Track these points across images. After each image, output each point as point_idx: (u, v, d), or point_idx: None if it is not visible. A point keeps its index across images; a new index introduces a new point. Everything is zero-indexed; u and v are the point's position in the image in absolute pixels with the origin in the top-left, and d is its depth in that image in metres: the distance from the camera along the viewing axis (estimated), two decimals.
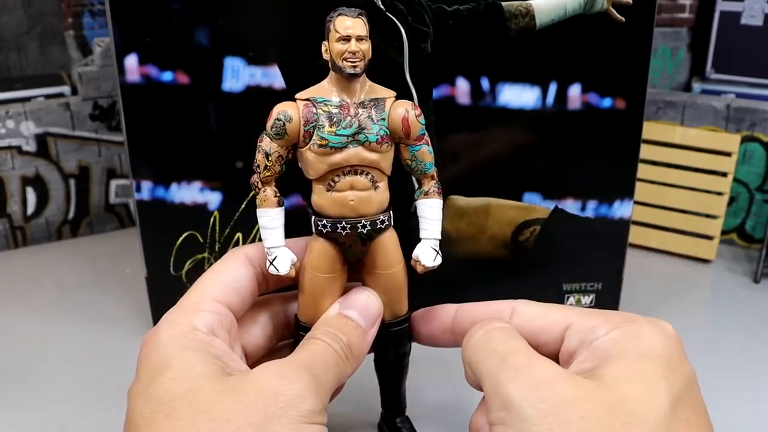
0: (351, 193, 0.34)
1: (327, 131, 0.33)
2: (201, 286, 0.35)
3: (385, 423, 0.42)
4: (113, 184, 0.73)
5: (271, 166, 0.35)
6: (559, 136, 0.49)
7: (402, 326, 0.38)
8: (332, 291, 0.36)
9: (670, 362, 0.30)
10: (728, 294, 0.62)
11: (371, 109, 0.34)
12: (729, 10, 0.73)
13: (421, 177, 0.37)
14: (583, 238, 0.51)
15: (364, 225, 0.35)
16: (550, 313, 0.34)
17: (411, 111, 0.35)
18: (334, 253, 0.36)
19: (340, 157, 0.34)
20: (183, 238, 0.51)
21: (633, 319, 0.32)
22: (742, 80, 0.74)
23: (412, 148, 0.36)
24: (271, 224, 0.35)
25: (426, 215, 0.36)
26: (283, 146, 0.34)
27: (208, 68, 0.47)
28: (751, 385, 0.50)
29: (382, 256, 0.36)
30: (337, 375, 0.33)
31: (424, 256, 0.36)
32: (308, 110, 0.34)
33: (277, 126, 0.34)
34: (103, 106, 0.71)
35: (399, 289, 0.37)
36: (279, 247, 0.35)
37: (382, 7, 0.44)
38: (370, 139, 0.34)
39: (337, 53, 0.33)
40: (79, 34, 0.79)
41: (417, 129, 0.35)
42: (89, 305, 0.61)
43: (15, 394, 0.50)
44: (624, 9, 0.45)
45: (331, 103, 0.34)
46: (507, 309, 0.35)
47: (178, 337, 0.32)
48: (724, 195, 0.66)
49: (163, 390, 0.29)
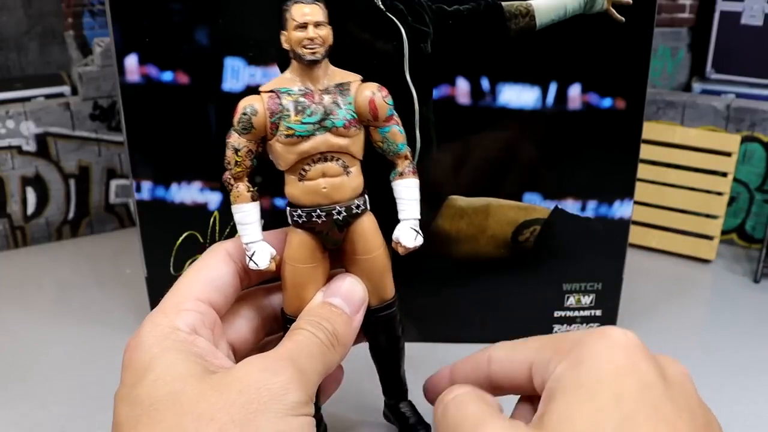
0: (323, 181, 0.34)
1: (293, 120, 0.33)
2: (182, 285, 0.35)
3: (390, 410, 0.42)
4: (113, 184, 0.73)
5: (241, 161, 0.34)
6: (559, 136, 0.49)
7: (390, 310, 0.38)
8: (315, 281, 0.36)
9: (618, 379, 0.28)
10: (728, 294, 0.62)
11: (336, 94, 0.34)
12: (729, 10, 0.73)
13: (395, 158, 0.36)
14: (583, 238, 0.51)
15: (339, 211, 0.35)
16: (516, 355, 0.33)
17: (377, 92, 0.34)
18: (313, 243, 0.36)
19: (309, 145, 0.34)
20: (183, 238, 0.51)
21: (581, 341, 0.30)
22: (742, 80, 0.74)
23: (382, 129, 0.35)
24: (247, 219, 0.35)
25: (403, 196, 0.36)
26: (252, 140, 0.34)
27: (208, 68, 0.47)
28: (751, 385, 0.50)
29: (362, 241, 0.36)
30: (323, 364, 0.33)
31: (405, 237, 0.36)
32: (273, 101, 0.34)
33: (243, 120, 0.34)
34: (103, 106, 0.71)
35: (382, 273, 0.37)
36: (257, 242, 0.35)
37: (382, 7, 0.44)
38: (337, 124, 0.34)
39: (296, 41, 0.33)
40: (79, 34, 0.79)
41: (385, 110, 0.35)
42: (89, 305, 0.61)
43: (15, 394, 0.50)
44: (624, 9, 0.45)
45: (295, 92, 0.34)
46: (484, 360, 0.34)
47: (160, 339, 0.32)
48: (724, 195, 0.66)
49: (146, 393, 0.29)
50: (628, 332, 0.30)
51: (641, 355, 0.29)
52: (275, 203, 0.47)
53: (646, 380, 0.28)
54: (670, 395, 0.28)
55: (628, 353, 0.29)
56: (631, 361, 0.28)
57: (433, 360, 0.43)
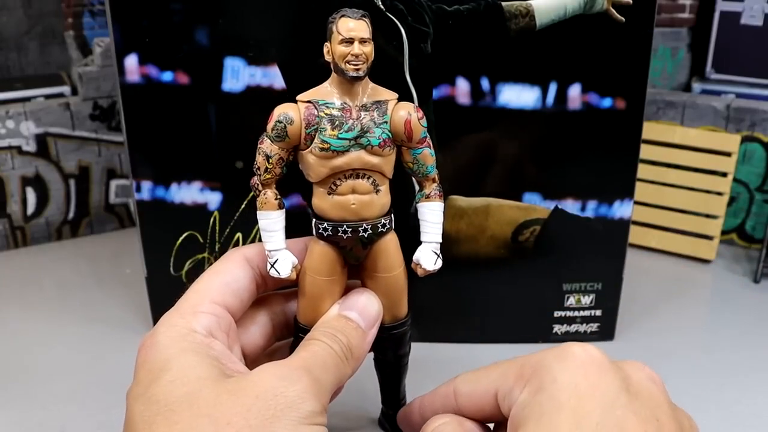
0: (352, 197, 0.34)
1: (329, 134, 0.33)
2: (199, 287, 0.35)
3: (386, 419, 0.42)
4: (113, 184, 0.73)
5: (271, 168, 0.34)
6: (559, 136, 0.49)
7: (402, 329, 0.38)
8: (332, 294, 0.36)
9: (579, 402, 0.28)
10: (728, 294, 0.62)
11: (373, 111, 0.34)
12: (729, 10, 0.73)
13: (423, 180, 0.36)
14: (583, 238, 0.51)
15: (365, 229, 0.35)
16: (479, 385, 0.33)
17: (414, 114, 0.34)
18: (335, 256, 0.36)
19: (342, 161, 0.33)
20: (183, 238, 0.51)
21: (541, 363, 0.30)
22: (742, 80, 0.74)
23: (414, 151, 0.35)
24: (272, 227, 0.35)
25: (427, 218, 0.36)
26: (284, 149, 0.34)
27: (208, 68, 0.47)
28: (751, 385, 0.50)
29: (383, 259, 0.36)
30: (336, 376, 0.33)
31: (425, 260, 0.36)
32: (310, 113, 0.33)
33: (278, 128, 0.33)
34: (103, 106, 0.71)
35: (399, 291, 0.37)
36: (280, 250, 0.35)
37: (382, 7, 0.44)
38: (373, 142, 0.33)
39: (340, 56, 0.33)
40: (79, 34, 0.79)
41: (419, 132, 0.35)
42: (89, 305, 0.61)
43: (15, 394, 0.50)
44: (624, 9, 0.45)
45: (333, 105, 0.34)
46: (450, 394, 0.34)
47: (177, 340, 0.32)
48: (724, 195, 0.66)
49: (162, 393, 0.29)
50: (588, 347, 0.30)
51: (602, 371, 0.29)
52: None
53: (608, 399, 0.28)
54: (635, 408, 0.28)
55: (588, 372, 0.29)
56: (592, 381, 0.28)
57: (433, 360, 0.43)
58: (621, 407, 0.28)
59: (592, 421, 0.27)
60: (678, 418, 0.29)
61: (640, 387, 0.29)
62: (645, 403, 0.28)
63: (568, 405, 0.27)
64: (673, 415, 0.29)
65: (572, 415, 0.27)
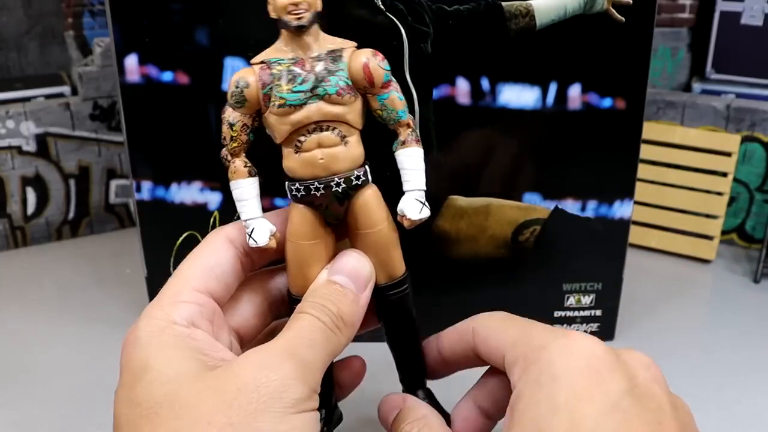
0: (319, 152, 0.33)
1: (284, 89, 0.32)
2: (180, 274, 0.34)
3: None
4: (113, 184, 0.73)
5: (236, 136, 0.33)
6: (559, 136, 0.49)
7: (400, 288, 0.36)
8: (318, 258, 0.35)
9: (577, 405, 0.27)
10: (728, 294, 0.62)
11: (328, 60, 0.33)
12: (729, 10, 0.73)
13: (396, 126, 0.35)
14: (583, 238, 0.51)
15: (338, 183, 0.33)
16: (493, 339, 0.33)
17: (372, 57, 0.33)
18: (314, 218, 0.34)
19: (302, 115, 0.32)
20: (183, 238, 0.51)
21: (545, 352, 0.29)
22: (742, 80, 0.74)
23: (380, 96, 0.34)
24: (245, 195, 0.34)
25: (406, 165, 0.34)
26: (246, 114, 0.33)
27: (208, 68, 0.47)
28: (751, 385, 0.50)
29: (364, 214, 0.34)
30: (327, 350, 0.32)
31: (409, 209, 0.34)
32: (264, 72, 0.33)
33: (235, 94, 0.33)
34: (103, 106, 0.71)
35: (388, 247, 0.35)
36: (255, 218, 0.34)
37: (382, 7, 0.44)
38: (329, 91, 0.32)
39: (281, 8, 0.32)
40: (79, 34, 0.79)
41: (381, 75, 0.33)
42: (89, 305, 0.61)
43: (15, 394, 0.50)
44: (624, 9, 0.45)
45: (285, 61, 0.33)
46: (469, 332, 0.35)
47: (156, 334, 0.31)
48: (724, 195, 0.66)
49: (143, 394, 0.29)
50: (595, 344, 0.29)
51: (606, 372, 0.28)
52: (275, 203, 0.47)
53: (608, 403, 0.27)
54: (636, 412, 0.27)
55: (591, 373, 0.28)
56: (593, 382, 0.27)
57: None
58: (622, 412, 0.27)
59: (587, 426, 0.26)
60: (682, 419, 0.29)
61: (644, 389, 0.28)
62: (647, 406, 0.28)
63: (565, 408, 0.27)
64: (675, 415, 0.28)
65: (568, 420, 0.27)
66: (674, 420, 0.28)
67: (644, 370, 0.29)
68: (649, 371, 0.29)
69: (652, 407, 0.28)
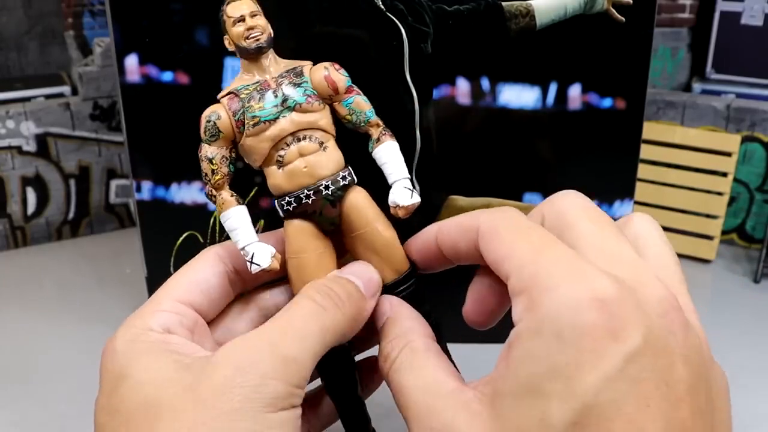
0: (301, 161, 0.34)
1: (255, 108, 0.34)
2: (164, 287, 0.34)
3: None
4: (113, 184, 0.73)
5: (217, 168, 0.34)
6: (559, 136, 0.49)
7: (409, 283, 0.36)
8: (323, 267, 0.35)
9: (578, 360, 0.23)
10: (728, 294, 0.62)
11: (291, 76, 0.34)
12: (729, 10, 0.73)
13: (367, 128, 0.36)
14: None
15: (326, 186, 0.34)
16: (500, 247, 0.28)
17: (330, 67, 0.35)
18: (311, 228, 0.35)
19: (277, 128, 0.33)
20: (183, 238, 0.51)
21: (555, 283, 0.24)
22: (742, 80, 0.74)
23: (346, 102, 0.35)
24: (237, 223, 0.35)
25: (386, 159, 0.35)
26: (223, 146, 0.34)
27: (208, 68, 0.47)
28: (751, 385, 0.50)
29: (356, 214, 0.35)
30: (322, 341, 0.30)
31: (400, 197, 0.35)
32: (232, 101, 0.34)
33: (209, 128, 0.34)
34: (103, 106, 0.71)
35: (388, 244, 0.36)
36: (253, 243, 0.34)
37: (383, 7, 0.44)
38: (299, 100, 0.34)
39: (238, 36, 0.34)
40: (79, 34, 0.79)
41: (343, 81, 0.35)
42: (89, 305, 0.61)
43: (15, 394, 0.50)
44: (624, 9, 0.45)
45: (250, 85, 0.34)
46: (474, 229, 0.30)
47: (132, 342, 0.31)
48: (724, 195, 0.66)
49: (121, 402, 0.29)
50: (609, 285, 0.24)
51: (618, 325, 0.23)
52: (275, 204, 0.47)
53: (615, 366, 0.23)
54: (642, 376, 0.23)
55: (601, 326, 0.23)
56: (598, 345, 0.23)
57: None
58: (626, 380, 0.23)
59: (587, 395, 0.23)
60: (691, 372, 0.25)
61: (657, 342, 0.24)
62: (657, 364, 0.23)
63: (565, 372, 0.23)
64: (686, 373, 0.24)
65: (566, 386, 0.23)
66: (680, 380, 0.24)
67: (662, 316, 0.25)
68: (666, 317, 0.25)
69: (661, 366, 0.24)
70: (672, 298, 0.26)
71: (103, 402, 0.30)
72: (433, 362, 0.30)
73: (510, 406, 0.25)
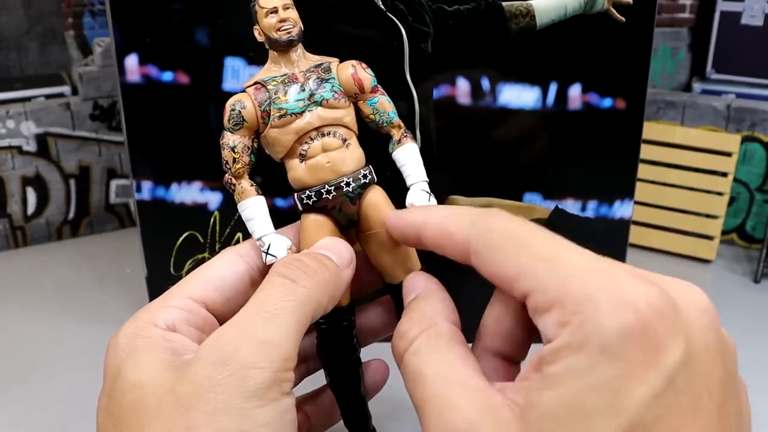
0: (324, 156, 0.34)
1: (282, 100, 0.34)
2: (180, 283, 0.33)
3: None
4: (113, 184, 0.73)
5: (239, 157, 0.34)
6: (559, 136, 0.49)
7: None
8: None
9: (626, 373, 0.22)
10: (728, 294, 0.62)
11: (318, 71, 0.35)
12: (729, 10, 0.73)
13: (389, 129, 0.36)
14: (583, 238, 0.51)
15: (348, 183, 0.34)
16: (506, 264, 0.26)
17: (358, 66, 0.35)
18: (328, 222, 0.35)
19: (303, 122, 0.34)
20: (183, 238, 0.51)
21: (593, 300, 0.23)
22: (742, 80, 0.74)
23: (371, 101, 0.36)
24: (255, 214, 0.35)
25: (406, 161, 0.36)
26: (246, 135, 0.34)
27: (208, 68, 0.47)
28: (751, 385, 0.50)
29: (374, 213, 0.35)
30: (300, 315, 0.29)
31: (418, 199, 0.35)
32: (259, 92, 0.34)
33: (233, 117, 0.34)
34: (103, 106, 0.71)
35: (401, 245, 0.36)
36: (269, 234, 0.35)
37: (383, 8, 0.44)
38: (326, 96, 0.34)
39: (270, 27, 0.34)
40: (79, 34, 0.79)
41: (369, 80, 0.35)
42: (89, 305, 0.61)
43: (15, 394, 0.50)
44: (624, 9, 0.45)
45: (278, 77, 0.34)
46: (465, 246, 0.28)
47: (133, 338, 0.30)
48: (724, 195, 0.66)
49: (115, 402, 0.28)
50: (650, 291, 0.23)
51: (663, 338, 0.22)
52: (276, 203, 0.47)
53: (664, 377, 0.22)
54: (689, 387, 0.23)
55: (648, 336, 0.22)
56: (647, 356, 0.22)
57: None
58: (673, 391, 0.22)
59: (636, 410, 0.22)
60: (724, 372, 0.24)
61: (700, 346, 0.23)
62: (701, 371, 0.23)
63: (611, 386, 0.22)
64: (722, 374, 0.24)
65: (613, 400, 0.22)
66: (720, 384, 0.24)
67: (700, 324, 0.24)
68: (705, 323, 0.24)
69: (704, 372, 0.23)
70: (708, 302, 0.25)
71: (102, 402, 0.30)
72: (458, 352, 0.27)
73: (547, 421, 0.23)
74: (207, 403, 0.26)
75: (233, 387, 0.26)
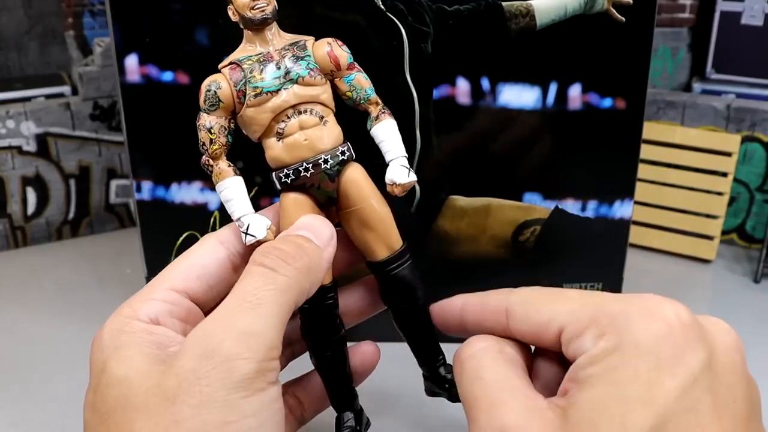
0: (301, 134, 0.34)
1: (258, 79, 0.33)
2: (161, 274, 0.33)
3: (431, 380, 0.39)
4: (113, 184, 0.73)
5: (216, 138, 0.34)
6: (559, 136, 0.49)
7: (403, 260, 0.36)
8: None
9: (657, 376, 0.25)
10: (728, 294, 0.62)
11: (293, 49, 0.34)
12: (729, 10, 0.73)
13: (366, 105, 0.36)
14: (583, 238, 0.51)
15: (326, 160, 0.34)
16: (540, 315, 0.29)
17: (333, 43, 0.35)
18: (307, 200, 0.35)
19: (279, 100, 0.33)
20: (183, 238, 0.51)
21: (623, 315, 0.27)
22: (742, 80, 0.73)
23: (347, 78, 0.35)
24: (233, 194, 0.34)
25: (384, 137, 0.36)
26: (222, 116, 0.34)
27: (208, 68, 0.47)
28: None
29: (354, 189, 0.35)
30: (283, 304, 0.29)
31: (397, 175, 0.35)
32: (234, 72, 0.34)
33: (209, 97, 0.34)
34: (103, 106, 0.71)
35: (383, 220, 0.36)
36: (248, 214, 0.34)
37: (383, 8, 0.44)
38: (302, 74, 0.34)
39: (243, 6, 0.34)
40: (79, 34, 0.79)
41: (345, 57, 0.35)
42: (89, 305, 0.61)
43: (15, 394, 0.50)
44: (624, 9, 0.45)
45: (253, 57, 0.34)
46: (501, 311, 0.31)
47: (117, 334, 0.30)
48: (724, 195, 0.66)
49: (100, 399, 0.28)
50: (679, 309, 0.27)
51: (690, 341, 0.26)
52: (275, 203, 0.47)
53: (689, 376, 0.25)
54: (714, 388, 0.25)
55: (676, 341, 0.25)
56: (676, 353, 0.25)
57: None
58: (700, 389, 0.25)
59: (667, 400, 0.25)
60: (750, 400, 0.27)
61: (724, 361, 0.27)
62: (725, 381, 0.26)
63: (646, 378, 0.25)
64: (748, 395, 0.27)
65: (647, 391, 0.25)
66: (746, 401, 0.27)
67: (724, 334, 0.28)
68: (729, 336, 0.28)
69: (731, 382, 0.26)
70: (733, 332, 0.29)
71: (89, 398, 0.29)
72: (515, 370, 0.30)
73: (587, 413, 0.25)
74: (192, 396, 0.26)
75: (218, 379, 0.26)
